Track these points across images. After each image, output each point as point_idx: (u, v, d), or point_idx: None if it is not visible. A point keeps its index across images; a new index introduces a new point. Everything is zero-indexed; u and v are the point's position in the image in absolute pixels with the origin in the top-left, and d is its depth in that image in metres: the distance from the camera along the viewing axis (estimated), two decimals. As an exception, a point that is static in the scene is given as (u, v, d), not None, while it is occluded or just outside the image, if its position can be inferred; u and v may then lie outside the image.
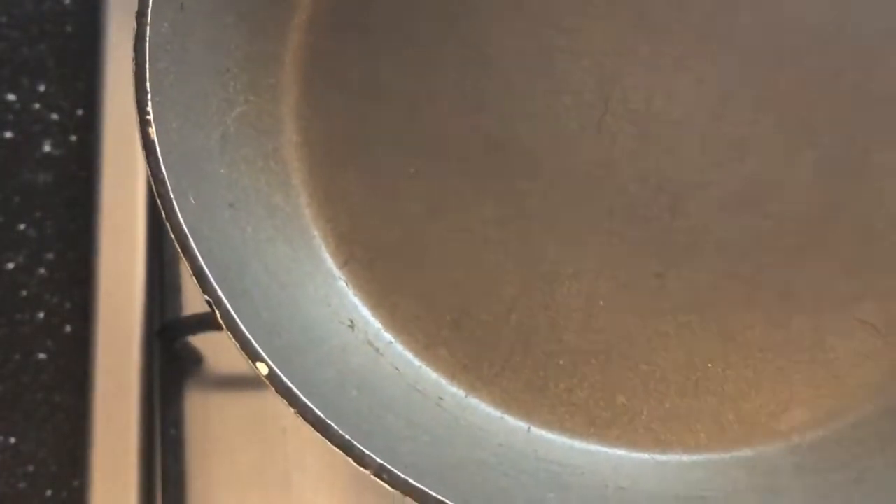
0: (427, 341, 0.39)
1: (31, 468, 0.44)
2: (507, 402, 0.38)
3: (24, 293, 0.46)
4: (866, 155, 0.40)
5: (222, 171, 0.37)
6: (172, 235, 0.32)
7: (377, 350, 0.38)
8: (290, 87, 0.41)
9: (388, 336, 0.39)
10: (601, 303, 0.39)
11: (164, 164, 0.33)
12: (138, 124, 0.33)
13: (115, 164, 0.45)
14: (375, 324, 0.39)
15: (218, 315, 0.32)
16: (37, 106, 0.49)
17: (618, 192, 0.40)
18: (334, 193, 0.40)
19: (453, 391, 0.38)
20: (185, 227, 0.32)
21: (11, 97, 0.49)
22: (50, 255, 0.47)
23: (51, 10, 0.50)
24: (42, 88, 0.49)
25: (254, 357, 0.31)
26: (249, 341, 0.31)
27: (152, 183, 0.32)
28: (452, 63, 0.41)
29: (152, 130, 0.33)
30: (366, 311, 0.39)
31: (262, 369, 0.31)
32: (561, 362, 0.39)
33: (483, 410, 0.38)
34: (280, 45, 0.41)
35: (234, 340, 0.31)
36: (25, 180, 0.48)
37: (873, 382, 0.39)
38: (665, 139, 0.40)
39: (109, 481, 0.42)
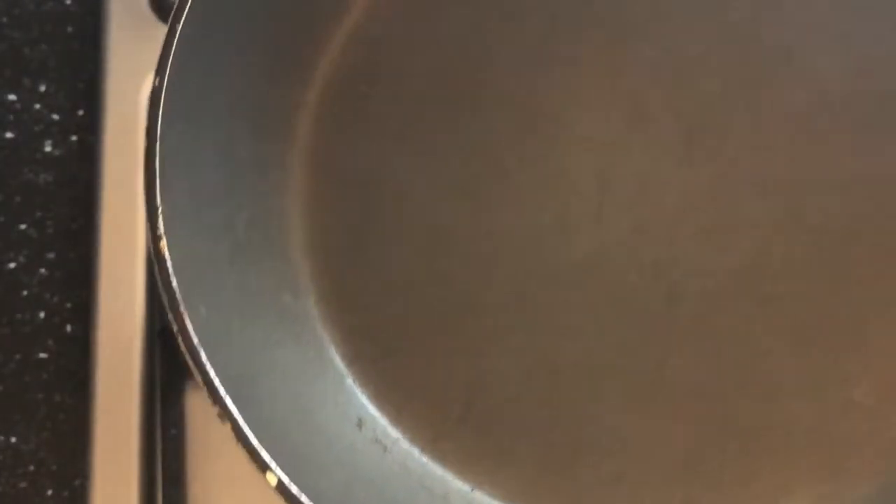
0: (434, 435, 0.39)
1: (31, 468, 0.44)
2: (512, 494, 0.39)
3: (25, 293, 0.46)
4: (859, 236, 0.40)
5: (233, 277, 0.38)
6: (183, 349, 0.33)
7: (384, 447, 0.39)
8: (297, 186, 0.41)
9: (395, 432, 0.39)
10: (602, 394, 0.39)
11: (174, 278, 0.33)
12: (150, 239, 0.33)
13: (116, 164, 0.45)
14: (383, 420, 0.39)
15: (230, 427, 0.32)
16: (38, 106, 0.49)
17: (616, 282, 0.40)
18: (342, 290, 0.41)
19: (459, 486, 0.39)
20: (195, 341, 0.33)
21: (12, 97, 0.49)
22: (51, 255, 0.47)
23: (52, 11, 0.50)
24: (43, 89, 0.49)
25: (263, 467, 0.32)
26: (258, 452, 0.32)
27: (163, 298, 0.33)
28: (454, 154, 0.41)
29: (163, 245, 0.33)
30: (373, 409, 0.40)
31: (272, 479, 0.32)
32: (564, 454, 0.39)
33: None
34: (286, 144, 0.41)
35: (244, 451, 0.32)
36: (26, 180, 0.48)
37: (871, 463, 0.39)
38: (661, 227, 0.41)
39: (110, 481, 0.42)
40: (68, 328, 0.46)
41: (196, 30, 0.35)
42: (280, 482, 0.32)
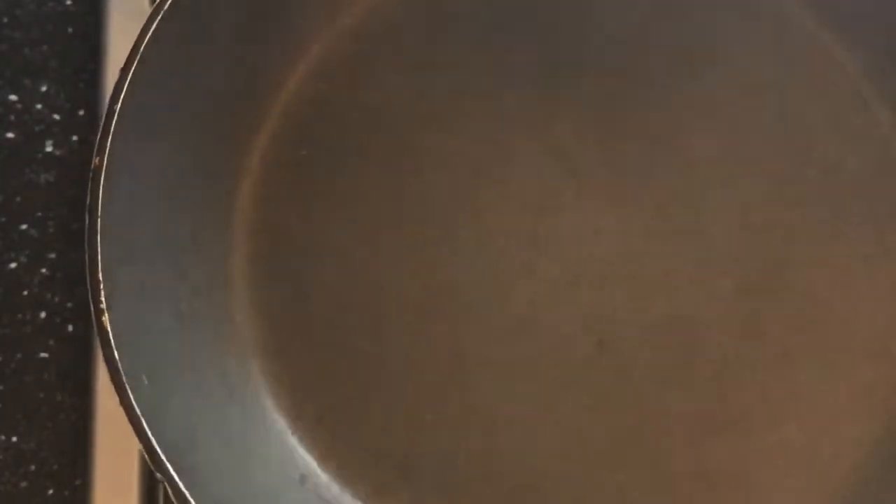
0: (375, 489, 0.40)
1: (32, 467, 0.44)
2: None
3: (26, 293, 0.46)
4: (784, 280, 0.42)
5: (176, 345, 0.38)
6: (127, 419, 0.34)
7: (328, 502, 0.39)
8: (241, 251, 0.42)
9: (336, 488, 0.40)
10: (536, 444, 0.41)
11: (116, 350, 0.34)
12: (92, 313, 0.35)
13: (116, 164, 0.46)
14: (325, 476, 0.40)
15: (170, 492, 0.33)
16: (39, 106, 0.49)
17: (549, 334, 0.41)
18: (285, 352, 0.41)
19: None
20: (137, 412, 0.34)
21: (13, 97, 0.49)
22: (52, 255, 0.47)
23: (52, 11, 0.50)
24: (44, 89, 0.49)
25: None
26: None
27: (107, 369, 0.34)
28: (394, 214, 0.43)
29: (105, 319, 0.35)
30: (314, 465, 0.40)
31: None
32: None
33: None
34: (228, 212, 0.42)
35: None
36: (27, 180, 0.48)
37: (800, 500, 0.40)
38: (593, 278, 0.42)
39: (111, 480, 0.42)
40: (69, 328, 0.46)
41: (133, 109, 0.36)
42: None
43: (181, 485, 0.33)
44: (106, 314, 0.35)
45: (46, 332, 0.46)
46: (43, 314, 0.46)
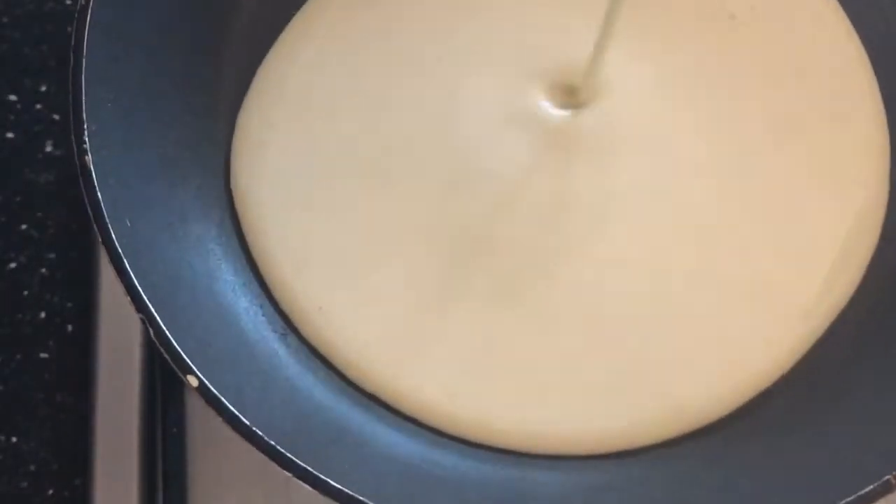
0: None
1: (32, 467, 0.44)
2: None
3: (26, 293, 0.46)
4: None
5: (160, 192, 0.38)
6: (108, 258, 0.34)
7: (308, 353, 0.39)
8: (226, 102, 0.42)
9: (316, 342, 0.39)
10: None
11: (99, 190, 0.34)
12: (76, 152, 0.35)
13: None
14: (306, 328, 0.39)
15: (151, 332, 0.33)
16: (38, 106, 0.49)
17: None
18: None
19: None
20: (119, 251, 0.34)
21: (13, 97, 0.49)
22: (51, 255, 0.47)
23: (52, 11, 0.50)
24: (44, 89, 0.49)
25: (184, 370, 0.33)
26: (180, 356, 0.33)
27: (89, 211, 0.34)
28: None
29: (88, 159, 0.34)
30: (296, 320, 0.40)
31: (192, 382, 0.33)
32: None
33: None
34: (215, 63, 0.42)
35: (166, 355, 0.33)
36: (27, 180, 0.48)
37: None
38: None
39: (111, 480, 0.42)
40: (69, 328, 0.46)
41: None
42: (201, 384, 0.33)
43: (162, 324, 0.33)
44: (89, 154, 0.35)
45: (46, 333, 0.46)
46: (43, 314, 0.46)
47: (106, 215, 0.34)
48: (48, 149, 0.48)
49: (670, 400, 0.38)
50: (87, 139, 0.35)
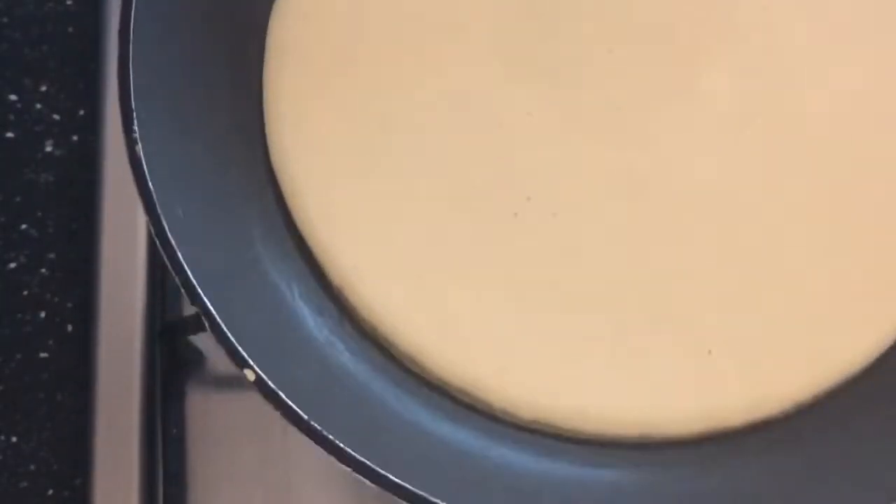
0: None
1: (32, 467, 0.44)
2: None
3: (26, 293, 0.46)
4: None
5: (210, 179, 0.37)
6: (161, 250, 0.33)
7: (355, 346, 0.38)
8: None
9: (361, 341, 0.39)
10: None
11: (150, 180, 0.33)
12: (125, 142, 0.33)
13: (116, 163, 0.45)
14: (349, 327, 0.39)
15: (207, 326, 0.32)
16: (39, 106, 0.49)
17: None
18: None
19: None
20: (172, 242, 0.32)
21: (13, 97, 0.49)
22: (52, 255, 0.47)
23: (52, 11, 0.50)
24: (44, 89, 0.49)
25: (241, 364, 0.32)
26: (237, 349, 0.32)
27: (140, 202, 0.33)
28: None
29: (139, 148, 0.33)
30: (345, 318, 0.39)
31: (250, 376, 0.32)
32: None
33: None
34: (259, 40, 0.41)
35: (223, 349, 0.32)
36: (27, 180, 0.48)
37: None
38: None
39: (111, 480, 0.42)
40: (69, 328, 0.46)
41: None
42: (258, 378, 0.32)
43: (217, 317, 0.32)
44: (139, 143, 0.33)
45: (46, 333, 0.46)
46: (43, 314, 0.46)
47: (158, 206, 0.33)
48: (48, 149, 0.48)
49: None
50: (136, 128, 0.33)
